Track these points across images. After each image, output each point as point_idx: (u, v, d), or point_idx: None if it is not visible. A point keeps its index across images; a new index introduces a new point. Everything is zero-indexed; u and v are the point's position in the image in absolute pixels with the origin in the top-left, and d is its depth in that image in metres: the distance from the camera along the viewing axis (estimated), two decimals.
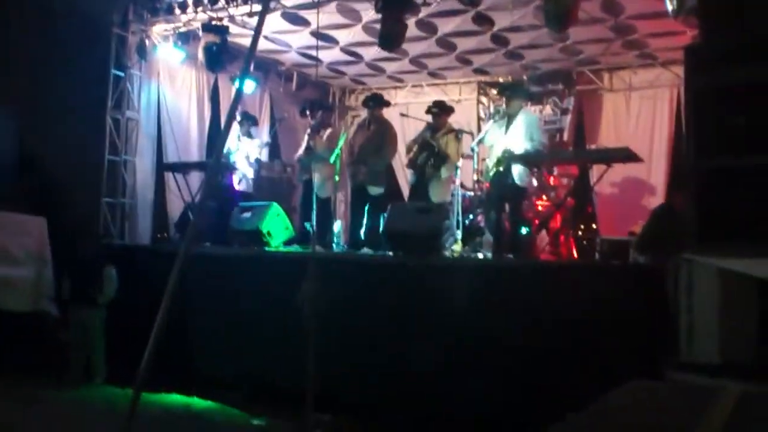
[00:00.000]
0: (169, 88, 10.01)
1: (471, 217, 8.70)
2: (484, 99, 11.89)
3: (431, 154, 8.21)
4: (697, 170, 3.89)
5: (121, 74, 9.38)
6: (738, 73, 3.74)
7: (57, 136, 7.97)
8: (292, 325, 5.43)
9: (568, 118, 11.10)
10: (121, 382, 6.52)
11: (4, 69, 7.53)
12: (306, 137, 9.10)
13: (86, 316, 6.93)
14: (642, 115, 10.63)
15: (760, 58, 3.66)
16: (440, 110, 8.55)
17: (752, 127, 3.67)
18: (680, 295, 4.39)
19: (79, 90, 8.47)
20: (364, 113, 8.84)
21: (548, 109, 11.27)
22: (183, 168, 9.05)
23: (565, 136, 11.01)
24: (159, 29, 9.57)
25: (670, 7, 6.62)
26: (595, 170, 8.00)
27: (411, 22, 8.70)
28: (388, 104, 9.14)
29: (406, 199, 10.62)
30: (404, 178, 11.67)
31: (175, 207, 9.61)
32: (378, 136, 8.45)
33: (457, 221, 8.17)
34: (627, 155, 6.82)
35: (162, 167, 9.73)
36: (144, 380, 3.68)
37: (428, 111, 8.64)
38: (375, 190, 8.34)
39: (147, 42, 9.42)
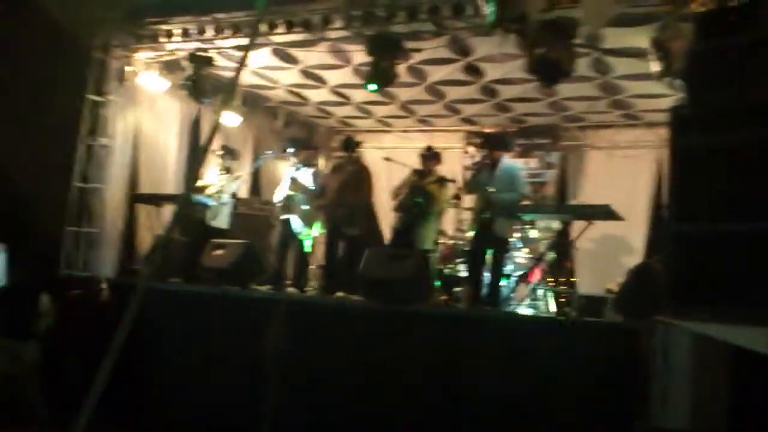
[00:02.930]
0: (148, 117, 9.76)
1: (451, 266, 8.59)
2: (470, 148, 11.87)
3: (421, 196, 8.16)
4: (676, 233, 3.79)
5: (99, 99, 9.15)
6: (722, 137, 3.67)
7: (25, 160, 7.74)
8: (257, 369, 5.25)
9: (553, 172, 11.12)
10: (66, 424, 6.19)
11: None
12: (287, 175, 8.97)
13: (17, 349, 6.63)
14: (624, 173, 10.68)
15: (745, 123, 3.60)
16: (432, 155, 8.54)
17: (734, 192, 3.59)
18: (655, 357, 4.29)
19: (52, 113, 8.23)
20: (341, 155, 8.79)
21: (533, 163, 11.30)
22: (155, 199, 8.81)
23: (548, 190, 11.01)
24: (142, 56, 9.35)
25: (656, 69, 6.63)
26: (576, 226, 7.94)
27: (401, 67, 8.69)
28: (360, 145, 9.02)
29: (387, 242, 10.52)
30: (387, 221, 11.58)
31: (145, 240, 9.37)
32: (354, 177, 8.36)
33: (437, 270, 8.06)
34: (607, 213, 6.77)
35: (134, 198, 9.44)
36: (87, 423, 3.47)
37: (420, 154, 8.60)
38: (352, 231, 8.20)
39: (129, 68, 9.26)
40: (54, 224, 8.68)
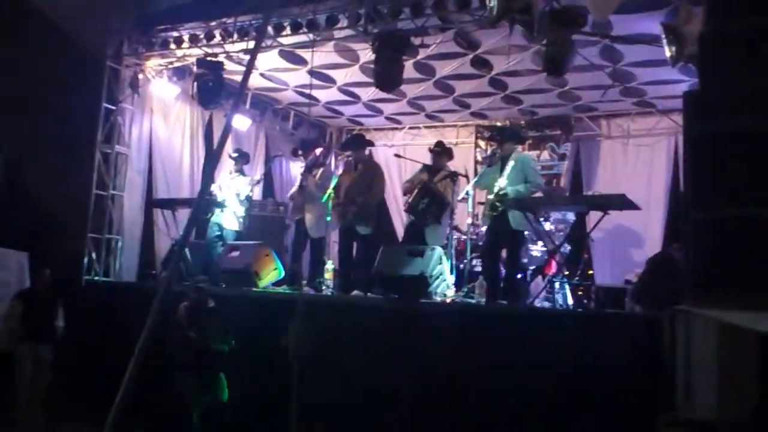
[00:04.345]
0: (162, 123, 9.89)
1: (465, 261, 8.57)
2: (481, 143, 11.81)
3: (432, 201, 7.89)
4: (694, 220, 3.75)
5: (113, 108, 9.23)
6: (738, 121, 3.62)
7: (44, 169, 7.85)
8: (278, 367, 5.28)
9: (566, 163, 11.04)
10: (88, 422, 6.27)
11: None
12: (299, 176, 8.99)
13: (42, 353, 6.81)
14: (639, 162, 10.56)
15: (761, 106, 3.55)
16: (442, 150, 8.47)
17: (753, 177, 3.54)
18: (677, 347, 4.24)
19: (68, 122, 8.37)
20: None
21: (546, 155, 11.22)
22: (171, 204, 8.86)
23: (562, 182, 10.93)
24: (153, 63, 9.47)
25: (668, 54, 6.55)
26: (592, 216, 7.88)
27: (409, 63, 8.67)
28: (371, 144, 9.03)
29: (399, 238, 10.51)
30: (399, 218, 11.58)
31: (163, 244, 9.43)
32: (365, 176, 8.35)
33: (452, 265, 8.03)
34: (623, 203, 6.70)
35: (151, 203, 9.57)
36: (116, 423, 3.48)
37: (431, 150, 8.55)
38: (364, 230, 8.19)
39: (141, 76, 9.36)
40: (74, 232, 8.75)
